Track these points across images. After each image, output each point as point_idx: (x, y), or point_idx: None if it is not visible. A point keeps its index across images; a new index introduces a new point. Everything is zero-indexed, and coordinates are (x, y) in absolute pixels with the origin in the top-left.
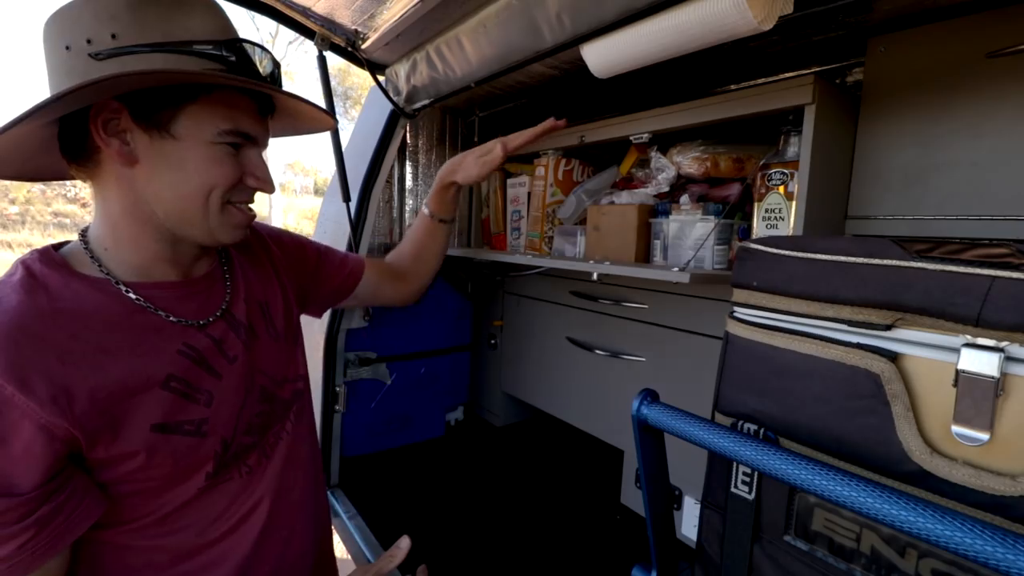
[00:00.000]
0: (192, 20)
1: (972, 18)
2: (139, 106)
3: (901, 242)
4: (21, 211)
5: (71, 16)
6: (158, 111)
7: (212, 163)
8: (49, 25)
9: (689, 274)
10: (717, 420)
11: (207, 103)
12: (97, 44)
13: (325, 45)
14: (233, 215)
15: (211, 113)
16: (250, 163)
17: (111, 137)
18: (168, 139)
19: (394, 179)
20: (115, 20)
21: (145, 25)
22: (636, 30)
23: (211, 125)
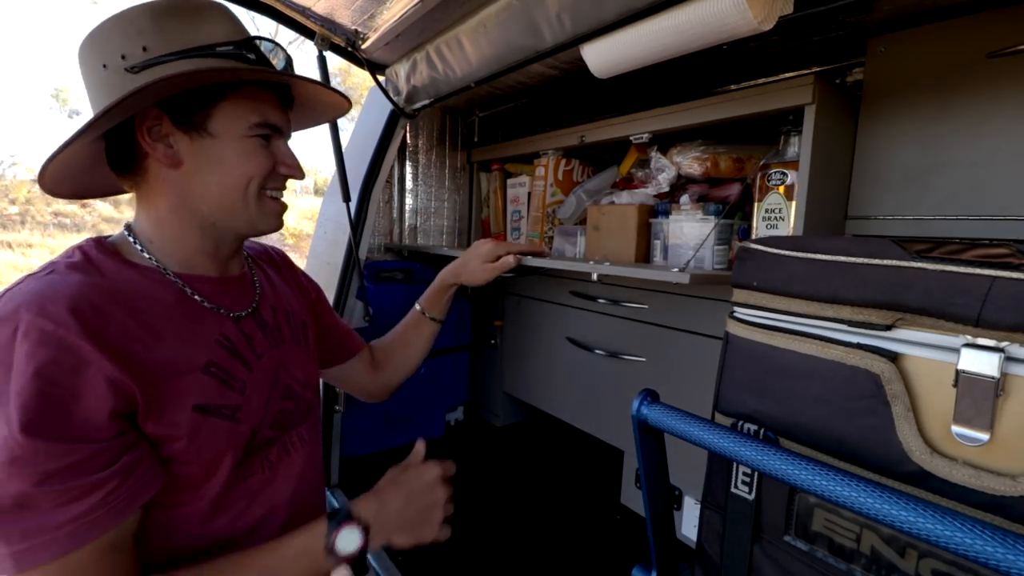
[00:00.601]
0: (211, 25)
1: (972, 18)
2: (177, 110)
3: (901, 242)
4: (21, 211)
5: (103, 37)
6: (194, 113)
7: (248, 155)
8: (84, 49)
9: (689, 274)
10: (717, 420)
11: (236, 100)
12: (131, 59)
13: (325, 45)
14: (269, 204)
15: (241, 109)
16: (280, 152)
17: (156, 142)
18: (207, 137)
19: (394, 179)
20: (143, 34)
21: (170, 35)
22: (636, 30)
23: (243, 120)
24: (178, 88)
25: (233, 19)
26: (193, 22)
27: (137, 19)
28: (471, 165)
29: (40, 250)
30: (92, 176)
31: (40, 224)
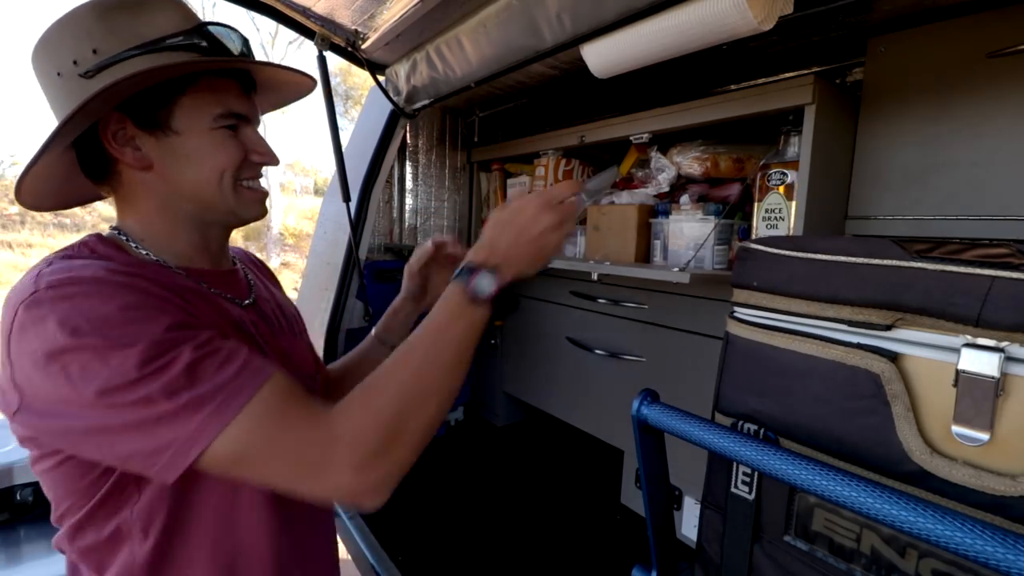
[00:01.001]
0: (158, 17)
1: (972, 18)
2: (138, 112)
3: (901, 242)
4: (21, 211)
5: (51, 44)
6: (155, 112)
7: (216, 148)
8: (36, 58)
9: (689, 274)
10: (717, 420)
11: (195, 93)
12: (83, 63)
13: (325, 45)
14: (246, 194)
15: (202, 101)
16: (249, 141)
17: (123, 147)
18: (172, 136)
19: (394, 179)
20: (91, 36)
21: (118, 33)
22: (636, 30)
23: (205, 113)
24: (133, 90)
25: (181, 6)
26: (139, 15)
27: (84, 19)
28: (471, 165)
29: (40, 250)
30: (70, 186)
31: (40, 224)
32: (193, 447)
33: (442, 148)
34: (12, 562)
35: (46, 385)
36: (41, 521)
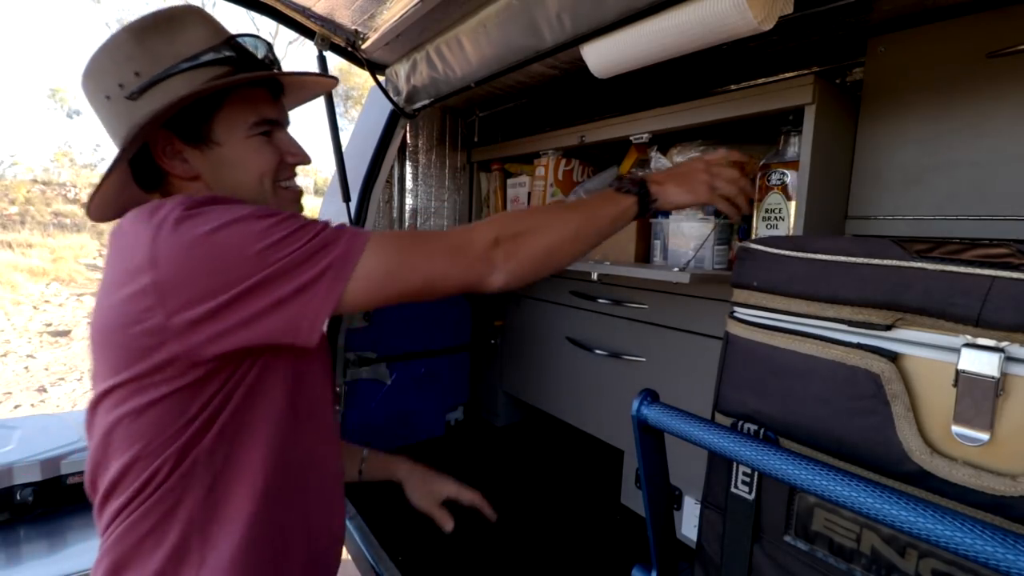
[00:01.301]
0: (190, 34)
1: (972, 18)
2: (183, 128)
3: (901, 242)
4: (21, 211)
5: (99, 69)
6: (198, 127)
7: (254, 154)
8: (86, 84)
9: (689, 274)
10: (717, 420)
11: (231, 105)
12: (128, 86)
13: (325, 45)
14: (284, 194)
15: (238, 112)
16: (283, 144)
17: (172, 160)
18: (214, 147)
19: (394, 179)
20: (132, 59)
21: (157, 54)
22: (636, 30)
23: (242, 122)
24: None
25: (210, 21)
26: (173, 35)
27: (124, 44)
28: (471, 165)
29: (40, 250)
30: (126, 196)
31: (40, 224)
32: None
33: (442, 148)
34: (12, 562)
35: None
36: (41, 521)
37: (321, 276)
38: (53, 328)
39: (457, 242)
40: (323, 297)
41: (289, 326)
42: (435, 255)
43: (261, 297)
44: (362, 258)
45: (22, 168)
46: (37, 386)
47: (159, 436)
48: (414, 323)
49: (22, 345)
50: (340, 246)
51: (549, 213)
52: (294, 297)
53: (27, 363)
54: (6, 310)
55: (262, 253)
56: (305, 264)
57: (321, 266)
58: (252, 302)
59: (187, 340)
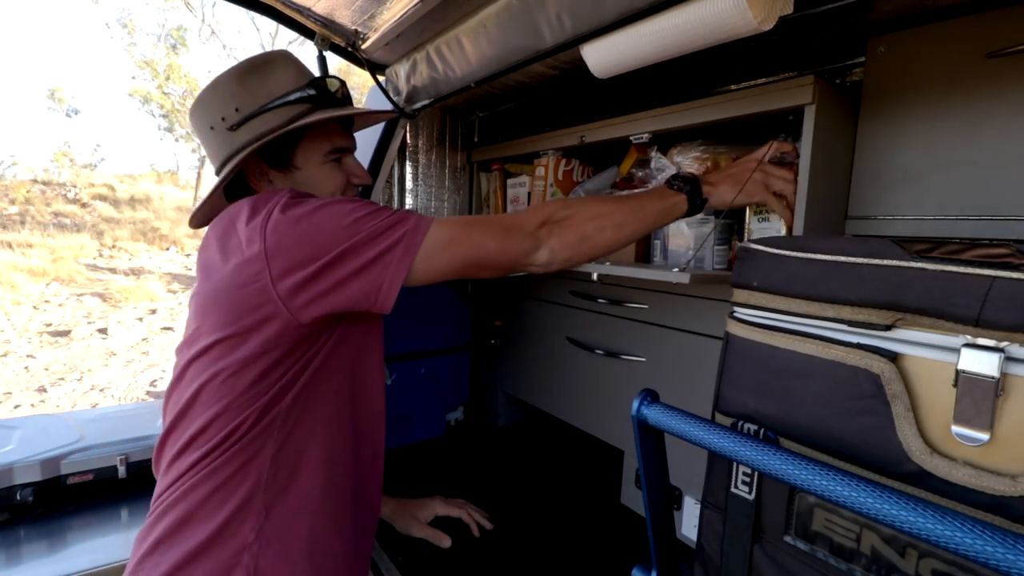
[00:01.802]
0: (281, 76)
1: (972, 18)
2: (271, 155)
3: (901, 242)
4: (21, 211)
5: (204, 104)
6: (283, 154)
7: (328, 178)
8: (193, 116)
9: (689, 274)
10: (717, 420)
11: (312, 136)
12: (229, 120)
13: (325, 45)
14: None
15: (317, 142)
16: (350, 167)
17: (260, 182)
18: (296, 171)
19: (394, 179)
20: (234, 96)
21: (253, 93)
22: (636, 30)
23: (319, 151)
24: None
25: (297, 63)
26: (267, 76)
27: (226, 85)
28: (471, 165)
29: (40, 250)
30: (216, 207)
31: (40, 224)
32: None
33: (442, 148)
34: (12, 562)
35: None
36: (41, 521)
37: (395, 245)
38: (53, 328)
39: (509, 223)
40: (397, 264)
41: (370, 289)
42: (489, 233)
43: (348, 263)
44: (428, 234)
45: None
46: (37, 386)
47: (247, 393)
48: (414, 323)
49: (22, 345)
50: (410, 223)
51: (597, 203)
52: (373, 263)
53: (27, 363)
54: (6, 310)
55: (349, 227)
56: (382, 235)
57: (395, 236)
58: (340, 267)
59: (288, 303)
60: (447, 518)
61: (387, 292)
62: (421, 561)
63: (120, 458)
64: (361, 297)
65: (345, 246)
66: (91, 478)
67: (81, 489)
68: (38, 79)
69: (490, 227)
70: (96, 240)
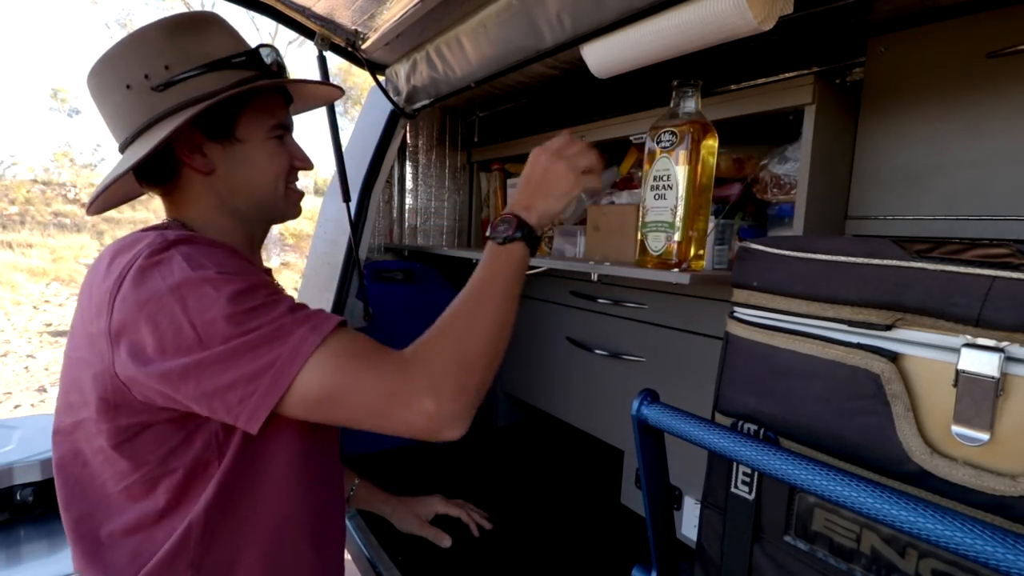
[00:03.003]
0: (219, 37)
1: (972, 18)
2: (208, 124)
3: (901, 242)
4: (21, 211)
5: (121, 58)
6: (224, 122)
7: (272, 156)
8: (102, 70)
9: (689, 274)
10: (717, 420)
11: (256, 107)
12: (154, 77)
13: (325, 45)
14: (293, 195)
15: (261, 114)
16: (292, 148)
17: (192, 154)
18: (236, 144)
19: (394, 179)
20: (163, 53)
21: (188, 52)
22: (636, 30)
23: (264, 124)
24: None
25: (234, 31)
26: (204, 36)
27: (154, 38)
28: (471, 165)
29: (40, 250)
30: (123, 190)
31: (40, 224)
32: (292, 365)
33: (442, 148)
34: (12, 562)
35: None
36: (41, 521)
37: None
38: (53, 328)
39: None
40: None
41: (227, 414)
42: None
43: (199, 380)
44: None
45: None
46: (37, 386)
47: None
48: (414, 323)
49: (22, 345)
50: (287, 347)
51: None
52: (233, 387)
53: (27, 363)
54: (6, 310)
55: (209, 328)
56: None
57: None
58: (189, 382)
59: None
60: (447, 518)
61: (246, 422)
62: (421, 561)
63: None
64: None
65: (196, 357)
66: None
67: None
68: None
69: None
70: (96, 240)
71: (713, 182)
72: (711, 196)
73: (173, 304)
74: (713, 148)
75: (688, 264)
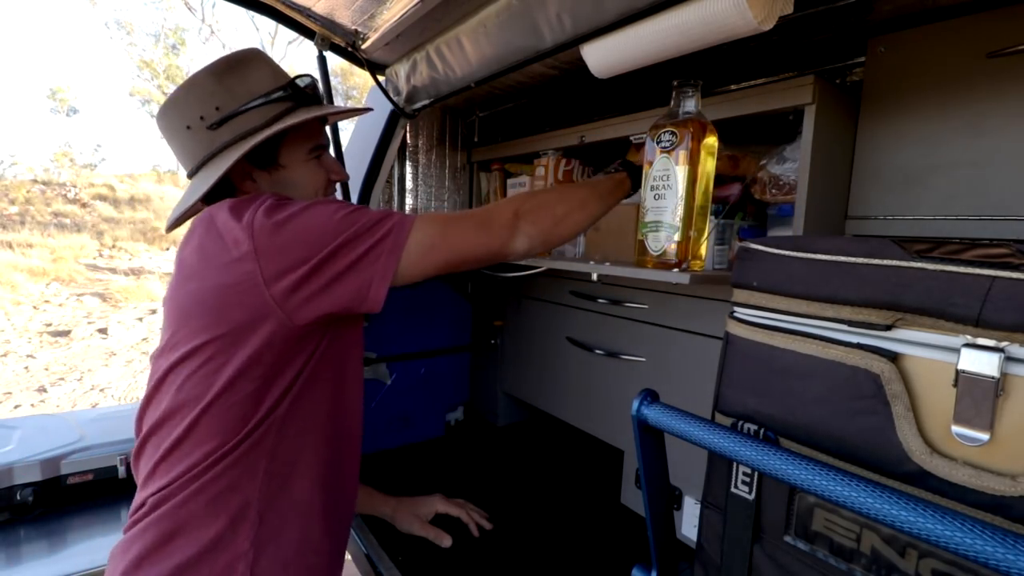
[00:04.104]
0: (260, 74)
1: (972, 18)
2: (255, 156)
3: (901, 242)
4: (21, 211)
5: (180, 103)
6: (268, 153)
7: (311, 175)
8: (165, 115)
9: (689, 274)
10: (717, 420)
11: (295, 134)
12: (208, 118)
13: (325, 45)
14: None
15: (300, 140)
16: (328, 164)
17: (244, 182)
18: (280, 170)
19: (394, 179)
20: (214, 96)
21: (234, 92)
22: (636, 30)
23: (302, 148)
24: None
25: (271, 62)
26: (247, 74)
27: (204, 83)
28: (471, 165)
29: (40, 250)
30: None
31: (40, 224)
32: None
33: (442, 148)
34: (12, 562)
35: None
36: (41, 521)
37: (383, 240)
38: (53, 328)
39: (485, 217)
40: (385, 259)
41: (361, 285)
42: (468, 229)
43: (339, 259)
44: (412, 231)
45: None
46: (37, 386)
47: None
48: (414, 323)
49: (22, 345)
50: (395, 219)
51: (559, 189)
52: (363, 258)
53: (27, 363)
54: (6, 310)
55: (337, 225)
56: (370, 231)
57: (382, 232)
58: (332, 264)
59: (283, 305)
60: (447, 517)
61: (377, 289)
62: (421, 561)
63: (120, 458)
64: (353, 294)
65: (334, 244)
66: (91, 478)
67: (81, 489)
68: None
69: (468, 222)
70: (96, 240)
71: (713, 182)
72: (711, 196)
73: (307, 218)
74: (713, 148)
75: (688, 264)
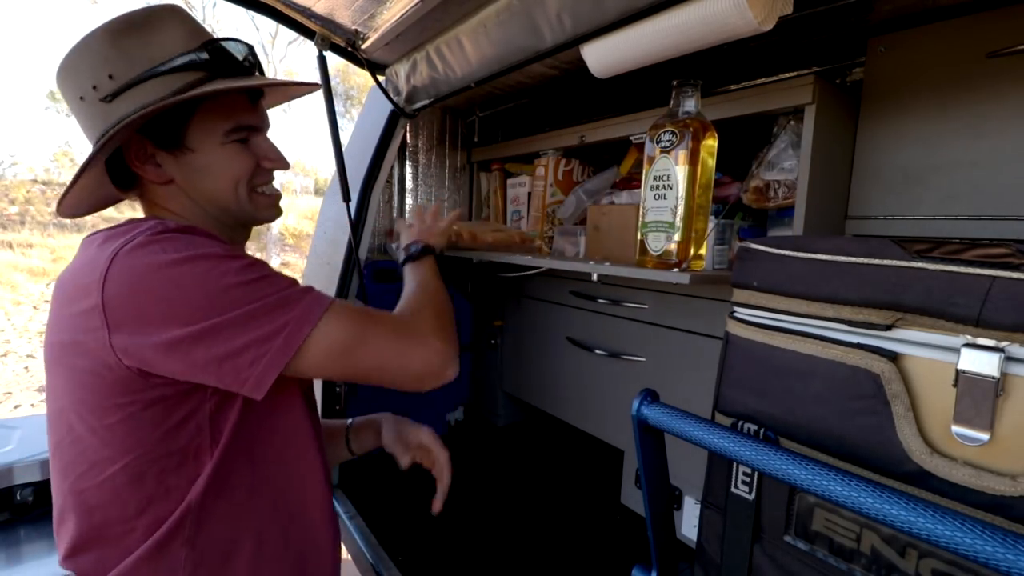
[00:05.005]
0: (166, 36)
1: (972, 18)
2: (156, 133)
3: (901, 242)
4: (21, 211)
5: (73, 70)
6: (171, 132)
7: (229, 161)
8: (60, 83)
9: (689, 274)
10: (717, 420)
11: (206, 111)
12: (102, 88)
13: (325, 45)
14: (260, 200)
15: (213, 119)
16: (260, 149)
17: (145, 165)
18: (188, 152)
19: (394, 179)
20: (107, 62)
21: (131, 58)
22: (636, 30)
23: (217, 129)
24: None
25: (186, 21)
26: (148, 37)
27: (98, 45)
28: (471, 165)
29: (40, 250)
30: (100, 193)
31: (40, 224)
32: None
33: (442, 148)
34: (12, 562)
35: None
36: (41, 521)
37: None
38: None
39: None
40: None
41: (231, 382)
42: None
43: (208, 344)
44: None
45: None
46: (37, 386)
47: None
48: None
49: (22, 345)
50: (296, 310)
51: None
52: (240, 353)
53: (27, 363)
54: (6, 310)
55: (218, 297)
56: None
57: (276, 324)
58: (196, 347)
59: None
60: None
61: (254, 387)
62: (421, 561)
63: None
64: (225, 382)
65: (206, 324)
66: None
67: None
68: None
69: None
70: None
71: (713, 182)
72: (711, 196)
73: (182, 274)
74: (713, 148)
75: (688, 264)
